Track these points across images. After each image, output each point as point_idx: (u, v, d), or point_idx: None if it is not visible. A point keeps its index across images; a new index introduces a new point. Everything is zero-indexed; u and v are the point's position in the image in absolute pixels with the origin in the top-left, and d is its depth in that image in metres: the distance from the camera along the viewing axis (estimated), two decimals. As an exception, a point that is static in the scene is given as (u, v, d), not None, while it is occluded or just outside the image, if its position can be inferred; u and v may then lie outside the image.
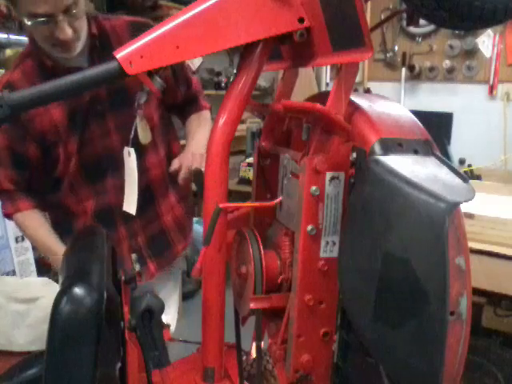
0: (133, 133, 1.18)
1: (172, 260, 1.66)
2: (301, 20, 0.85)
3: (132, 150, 1.26)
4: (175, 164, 1.42)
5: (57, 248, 1.48)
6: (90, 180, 1.49)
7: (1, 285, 1.68)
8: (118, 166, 1.45)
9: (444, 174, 0.73)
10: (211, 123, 1.59)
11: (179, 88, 1.59)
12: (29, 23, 1.27)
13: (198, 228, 3.46)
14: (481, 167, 3.19)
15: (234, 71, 0.94)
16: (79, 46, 1.36)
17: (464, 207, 0.69)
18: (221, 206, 0.89)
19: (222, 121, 0.91)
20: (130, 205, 1.31)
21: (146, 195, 1.51)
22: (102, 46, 1.43)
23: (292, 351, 0.88)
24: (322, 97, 0.88)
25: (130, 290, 1.02)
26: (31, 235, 1.57)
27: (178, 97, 1.60)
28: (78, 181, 1.48)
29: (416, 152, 0.78)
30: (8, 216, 1.54)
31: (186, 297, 3.50)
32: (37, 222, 1.53)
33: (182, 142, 1.66)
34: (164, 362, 0.95)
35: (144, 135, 1.13)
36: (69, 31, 1.29)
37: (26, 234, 1.62)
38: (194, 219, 3.45)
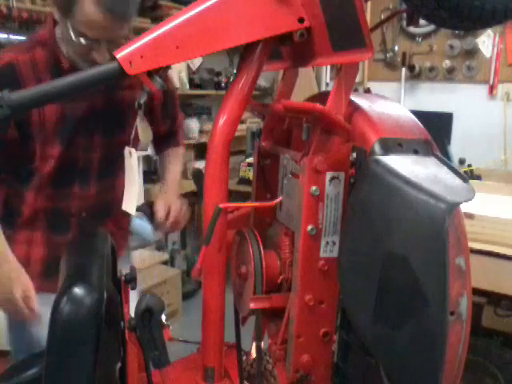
0: (133, 132, 1.18)
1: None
2: (301, 20, 0.85)
3: (133, 150, 1.25)
4: (161, 209, 1.47)
5: None
6: (56, 184, 1.46)
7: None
8: (88, 179, 1.45)
9: (444, 174, 0.73)
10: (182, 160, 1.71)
11: (165, 122, 1.62)
12: (73, 39, 1.26)
13: (138, 222, 3.53)
14: (481, 167, 3.18)
15: (234, 71, 0.94)
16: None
17: (464, 207, 0.69)
18: (221, 206, 0.89)
19: (221, 121, 0.91)
20: (129, 204, 1.31)
21: (108, 210, 1.52)
22: None
23: (292, 351, 0.88)
24: (321, 97, 0.88)
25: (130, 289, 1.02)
26: None
27: (161, 130, 1.64)
28: (45, 182, 1.44)
29: (416, 152, 0.78)
30: None
31: (185, 297, 3.50)
32: None
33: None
34: (164, 361, 0.95)
35: (144, 135, 1.13)
36: (107, 56, 1.29)
37: None
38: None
